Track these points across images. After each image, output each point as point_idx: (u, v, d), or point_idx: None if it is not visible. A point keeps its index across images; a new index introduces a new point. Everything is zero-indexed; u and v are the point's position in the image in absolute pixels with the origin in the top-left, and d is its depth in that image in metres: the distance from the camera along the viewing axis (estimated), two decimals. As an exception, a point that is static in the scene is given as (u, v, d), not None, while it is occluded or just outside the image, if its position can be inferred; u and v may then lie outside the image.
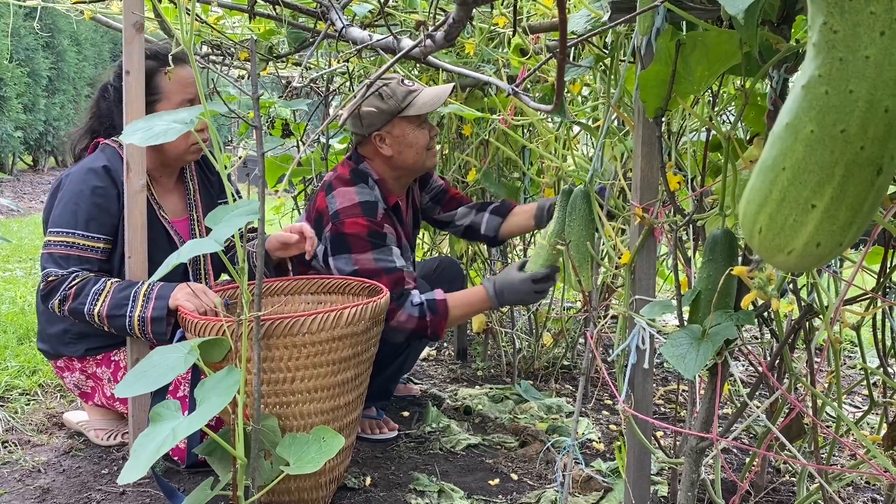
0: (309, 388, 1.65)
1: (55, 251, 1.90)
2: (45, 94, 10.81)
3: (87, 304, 1.84)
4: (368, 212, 2.10)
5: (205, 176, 2.24)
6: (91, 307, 1.84)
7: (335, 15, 1.87)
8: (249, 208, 1.32)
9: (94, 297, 1.84)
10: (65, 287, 1.86)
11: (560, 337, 2.99)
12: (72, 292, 1.86)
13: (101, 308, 1.83)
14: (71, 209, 1.92)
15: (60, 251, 1.90)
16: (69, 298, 1.86)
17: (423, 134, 2.18)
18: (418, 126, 2.17)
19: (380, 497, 1.88)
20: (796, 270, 0.66)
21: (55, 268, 1.88)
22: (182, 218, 2.13)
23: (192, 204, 2.15)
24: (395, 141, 2.17)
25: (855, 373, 3.04)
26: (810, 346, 1.35)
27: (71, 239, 1.90)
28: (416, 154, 2.19)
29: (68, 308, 1.86)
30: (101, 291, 1.85)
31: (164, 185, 2.12)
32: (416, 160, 2.20)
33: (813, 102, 0.57)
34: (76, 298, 1.85)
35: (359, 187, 2.15)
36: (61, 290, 1.86)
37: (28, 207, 8.42)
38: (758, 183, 0.61)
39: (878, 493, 1.94)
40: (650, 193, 1.35)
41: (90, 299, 1.84)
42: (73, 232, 1.91)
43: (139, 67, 1.83)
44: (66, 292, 1.86)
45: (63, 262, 1.89)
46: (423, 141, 2.18)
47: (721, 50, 1.08)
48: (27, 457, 2.04)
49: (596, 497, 1.89)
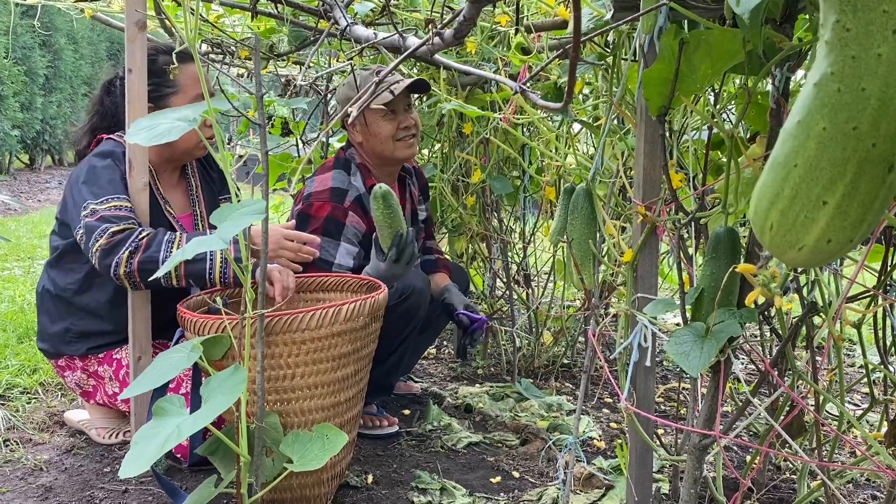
0: (309, 384, 1.65)
1: (105, 213, 1.82)
2: (41, 92, 10.79)
3: (161, 252, 1.77)
4: (336, 197, 2.21)
5: (206, 172, 2.24)
6: (167, 254, 1.77)
7: (339, 13, 1.87)
8: (255, 208, 1.32)
9: (168, 245, 1.79)
10: (135, 238, 1.79)
11: (560, 335, 3.00)
12: (143, 242, 1.79)
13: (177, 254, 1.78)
14: (107, 178, 1.89)
15: (111, 213, 1.83)
16: (140, 249, 1.78)
17: (388, 124, 2.25)
18: (384, 116, 2.24)
19: (382, 495, 1.88)
20: (807, 266, 0.67)
21: (112, 224, 1.80)
22: (186, 213, 2.13)
23: (195, 199, 2.16)
24: (364, 129, 2.28)
25: (854, 371, 3.05)
26: (812, 344, 1.36)
27: (118, 202, 1.86)
28: (381, 143, 2.27)
29: (138, 259, 1.77)
30: (173, 240, 1.80)
31: (168, 181, 2.12)
32: (382, 149, 2.28)
33: (825, 100, 0.57)
34: (148, 249, 1.78)
35: (336, 172, 2.27)
36: (131, 240, 1.78)
37: (25, 206, 8.40)
38: (769, 179, 0.61)
39: (878, 490, 1.95)
40: (652, 191, 1.35)
41: (164, 247, 1.78)
42: (118, 196, 1.87)
43: (141, 66, 1.83)
44: (138, 242, 1.78)
45: (118, 220, 1.82)
46: (388, 131, 2.26)
47: (724, 48, 1.08)
48: (29, 455, 2.04)
49: (597, 494, 1.89)
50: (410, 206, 2.47)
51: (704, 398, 1.23)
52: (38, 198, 9.14)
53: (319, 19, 2.29)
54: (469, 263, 3.05)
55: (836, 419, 2.29)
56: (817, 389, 1.24)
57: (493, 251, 3.08)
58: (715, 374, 1.20)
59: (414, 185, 2.50)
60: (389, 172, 2.38)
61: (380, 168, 2.34)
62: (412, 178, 2.50)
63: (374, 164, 2.33)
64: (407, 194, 2.46)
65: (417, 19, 2.34)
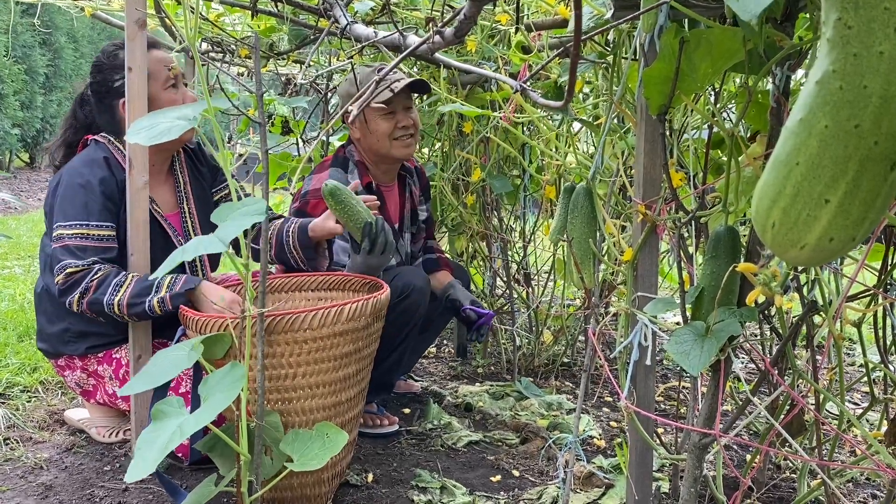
0: (311, 383, 1.65)
1: (71, 243, 1.88)
2: (42, 91, 10.79)
3: (107, 293, 1.83)
4: None
5: (195, 167, 2.22)
6: (111, 297, 1.83)
7: (339, 12, 1.87)
8: (255, 208, 1.32)
9: (115, 287, 1.84)
10: (87, 280, 1.85)
11: (560, 334, 3.00)
12: (93, 284, 1.84)
13: (122, 297, 1.82)
14: (81, 201, 1.91)
15: (76, 242, 1.88)
16: (90, 290, 1.84)
17: (385, 123, 2.26)
18: (382, 115, 2.25)
19: (382, 493, 1.89)
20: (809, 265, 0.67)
21: (73, 259, 1.86)
22: (174, 212, 2.12)
23: (183, 196, 2.14)
24: (362, 125, 2.29)
25: (854, 370, 3.05)
26: (812, 343, 1.36)
27: (85, 231, 1.89)
28: (377, 141, 2.28)
29: (88, 300, 1.84)
30: (122, 283, 1.85)
31: (156, 178, 2.09)
32: (379, 147, 2.29)
33: (827, 98, 0.57)
34: (97, 290, 1.84)
35: (332, 170, 2.28)
36: (84, 282, 1.84)
37: (25, 204, 8.40)
38: (771, 178, 0.61)
39: (878, 490, 1.95)
40: (653, 190, 1.35)
41: (111, 289, 1.83)
42: (87, 223, 1.90)
43: (142, 64, 1.83)
44: (89, 284, 1.84)
45: (81, 253, 1.87)
46: (385, 129, 2.26)
47: (725, 47, 1.08)
48: (29, 454, 2.04)
49: (597, 493, 1.89)
50: (410, 206, 2.47)
51: (704, 397, 1.23)
52: (38, 196, 9.14)
53: (319, 18, 2.29)
54: (469, 262, 3.05)
55: (837, 418, 2.29)
56: (817, 388, 1.24)
57: (494, 250, 3.08)
58: (715, 373, 1.20)
59: (415, 184, 2.50)
60: (387, 170, 2.39)
61: (377, 166, 2.35)
62: (413, 177, 2.50)
63: (372, 162, 2.34)
64: (407, 194, 2.46)
65: (417, 18, 2.34)
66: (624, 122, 1.97)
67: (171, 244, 2.04)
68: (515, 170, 2.85)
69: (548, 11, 1.99)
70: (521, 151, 2.73)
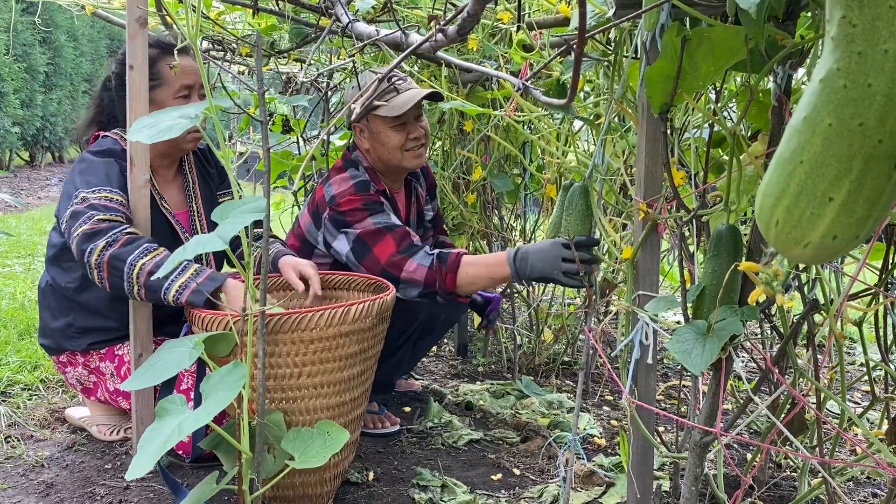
0: (315, 383, 1.65)
1: (96, 202, 1.83)
2: (42, 89, 10.78)
3: (134, 253, 1.76)
4: (361, 188, 2.14)
5: (203, 168, 2.23)
6: (137, 258, 1.76)
7: (341, 10, 1.87)
8: (256, 206, 1.32)
9: (144, 251, 1.77)
10: (117, 231, 1.78)
11: (561, 333, 3.00)
12: (124, 238, 1.78)
13: (147, 262, 1.76)
14: (103, 173, 1.89)
15: (101, 202, 1.83)
16: (117, 243, 1.77)
17: (396, 135, 2.18)
18: (392, 126, 2.17)
19: (383, 492, 1.89)
20: (812, 263, 0.67)
21: (100, 213, 1.81)
22: (183, 210, 2.13)
23: (191, 195, 2.15)
24: (371, 136, 2.22)
25: (855, 368, 3.05)
26: (813, 342, 1.36)
27: (109, 194, 1.86)
28: (388, 153, 2.21)
29: (111, 253, 1.76)
30: (153, 249, 1.79)
31: (164, 177, 2.11)
32: (389, 158, 2.22)
33: (831, 96, 0.57)
34: (126, 245, 1.77)
35: (351, 171, 2.21)
36: (112, 232, 1.78)
37: (25, 203, 8.40)
38: (775, 176, 0.61)
39: (878, 488, 1.95)
40: (654, 189, 1.35)
41: (140, 251, 1.77)
42: (111, 188, 1.87)
43: (143, 62, 1.83)
44: (117, 236, 1.78)
45: (106, 212, 1.82)
46: (396, 142, 2.19)
47: (726, 46, 1.08)
48: (30, 452, 2.04)
49: (598, 492, 1.90)
50: (416, 209, 2.45)
51: (706, 396, 1.23)
52: (38, 195, 9.14)
53: (321, 16, 2.29)
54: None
55: (838, 417, 2.29)
56: (819, 387, 1.24)
57: (494, 249, 3.08)
58: (716, 372, 1.20)
59: (421, 186, 2.48)
60: (396, 178, 2.34)
61: (385, 175, 2.29)
62: (418, 179, 2.47)
63: (380, 170, 2.28)
64: (413, 197, 2.42)
65: (419, 16, 2.34)
66: (625, 120, 1.97)
67: (179, 241, 2.05)
68: (516, 168, 2.85)
69: (549, 10, 1.99)
70: (522, 150, 2.73)
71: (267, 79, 4.44)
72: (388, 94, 2.14)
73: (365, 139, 2.24)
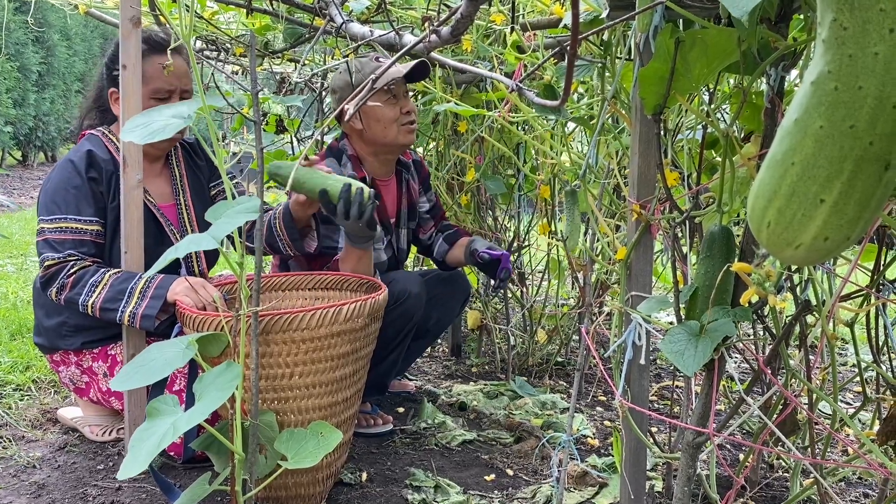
0: (307, 383, 1.65)
1: (50, 237, 1.90)
2: (35, 89, 10.75)
3: (82, 294, 1.85)
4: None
5: (192, 161, 2.23)
6: (86, 298, 1.84)
7: (334, 10, 1.87)
8: (249, 206, 1.32)
9: (90, 288, 1.85)
10: (63, 275, 1.87)
11: (554, 333, 3.00)
12: (69, 281, 1.86)
13: (95, 300, 1.84)
14: (61, 195, 1.94)
15: (55, 236, 1.90)
16: (66, 287, 1.86)
17: (390, 110, 2.22)
18: (385, 101, 2.21)
19: (376, 492, 1.89)
20: (803, 264, 0.67)
21: (51, 252, 1.89)
22: (170, 203, 2.12)
23: (179, 190, 2.14)
24: (364, 115, 2.23)
25: (847, 369, 3.06)
26: (806, 343, 1.36)
27: (63, 224, 1.91)
28: (384, 128, 2.24)
29: (65, 297, 1.87)
30: (98, 283, 1.85)
31: (150, 170, 2.10)
32: (384, 134, 2.24)
33: (822, 98, 0.57)
34: (73, 288, 1.86)
35: (328, 161, 2.23)
36: (59, 278, 1.87)
37: (18, 203, 8.36)
38: (766, 178, 0.62)
39: (870, 489, 1.96)
40: (647, 190, 1.36)
41: (87, 290, 1.85)
42: (65, 217, 1.92)
43: (136, 62, 1.83)
44: (65, 281, 1.86)
45: (59, 246, 1.89)
46: (391, 115, 2.22)
47: (720, 47, 1.08)
48: (22, 452, 2.03)
49: (591, 492, 1.90)
50: (408, 200, 2.44)
51: (698, 396, 1.23)
52: (30, 194, 9.10)
53: (315, 16, 2.28)
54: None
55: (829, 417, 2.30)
56: (811, 388, 1.24)
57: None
58: (709, 373, 1.20)
59: (413, 178, 2.48)
60: (386, 161, 2.34)
61: (377, 157, 2.31)
62: (410, 171, 2.47)
63: (371, 153, 2.29)
64: (404, 188, 2.43)
65: (413, 17, 2.34)
66: (618, 122, 1.97)
67: (164, 235, 2.05)
68: (510, 169, 2.85)
69: (543, 11, 1.99)
70: (516, 151, 2.73)
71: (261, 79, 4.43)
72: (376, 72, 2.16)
73: (356, 120, 2.25)
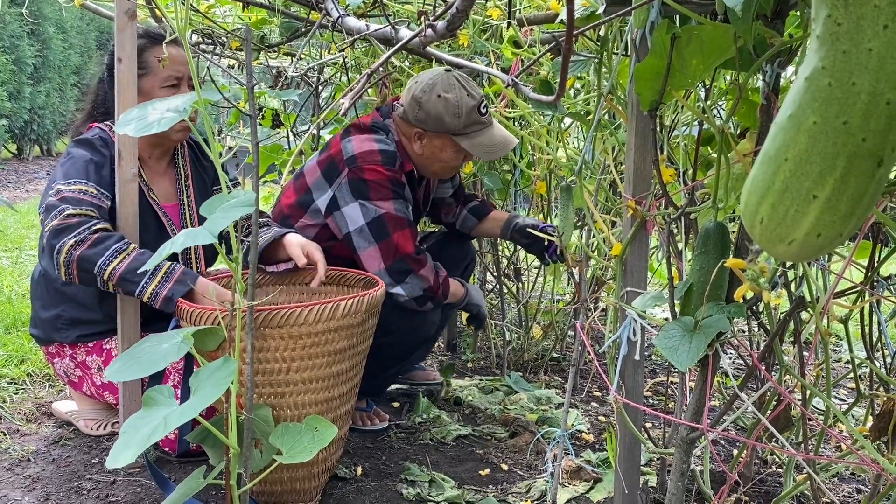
0: (304, 378, 1.65)
1: (68, 195, 1.82)
2: (30, 81, 10.71)
3: (103, 256, 1.75)
4: (387, 161, 2.03)
5: (198, 162, 2.21)
6: (107, 262, 1.75)
7: (330, 4, 1.86)
8: (244, 199, 1.32)
9: (114, 252, 1.76)
10: (86, 229, 1.77)
11: (549, 329, 3.00)
12: (92, 238, 1.76)
13: (117, 266, 1.75)
14: (81, 165, 1.89)
15: (74, 195, 1.82)
16: (85, 243, 1.75)
17: (457, 158, 2.15)
18: (457, 151, 2.12)
19: (371, 487, 1.89)
20: (796, 260, 0.67)
21: (72, 206, 1.79)
22: (173, 203, 2.11)
23: (183, 189, 2.13)
24: (431, 147, 2.12)
25: (841, 366, 3.07)
26: (800, 339, 1.37)
27: (84, 187, 1.85)
28: (440, 169, 2.18)
29: (79, 253, 1.75)
30: (122, 250, 1.77)
31: (155, 169, 2.10)
32: (437, 172, 2.20)
33: (816, 94, 0.57)
34: (94, 246, 1.75)
35: (378, 136, 2.09)
36: (80, 230, 1.76)
37: (12, 196, 8.34)
38: (760, 174, 0.62)
39: (862, 484, 1.97)
40: (643, 186, 1.36)
41: (109, 253, 1.76)
42: (86, 181, 1.86)
43: (131, 55, 1.82)
44: (85, 235, 1.76)
45: (78, 204, 1.81)
46: (455, 164, 2.17)
47: (716, 44, 1.08)
48: (16, 446, 2.03)
49: (585, 487, 1.91)
50: (424, 193, 2.38)
51: (692, 392, 1.24)
52: (25, 188, 9.08)
53: (311, 10, 2.28)
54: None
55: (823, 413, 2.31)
56: (804, 384, 1.25)
57: (484, 245, 3.08)
58: (703, 369, 1.21)
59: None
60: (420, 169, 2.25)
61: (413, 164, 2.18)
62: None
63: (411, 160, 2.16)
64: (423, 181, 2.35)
65: (409, 11, 2.33)
66: (615, 117, 1.97)
67: (165, 234, 2.03)
68: (506, 165, 2.85)
69: (539, 6, 1.99)
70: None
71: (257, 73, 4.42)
72: (473, 126, 2.08)
73: (421, 145, 2.12)
